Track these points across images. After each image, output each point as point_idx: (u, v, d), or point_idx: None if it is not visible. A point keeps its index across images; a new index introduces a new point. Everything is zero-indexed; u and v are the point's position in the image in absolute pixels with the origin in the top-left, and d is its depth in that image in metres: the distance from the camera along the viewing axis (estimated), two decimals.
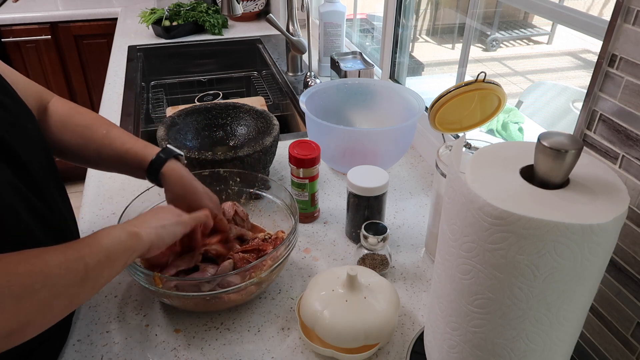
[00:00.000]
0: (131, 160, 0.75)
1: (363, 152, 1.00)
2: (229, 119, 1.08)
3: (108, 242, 0.56)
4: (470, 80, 0.71)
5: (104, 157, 0.76)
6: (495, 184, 0.45)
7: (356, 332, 0.63)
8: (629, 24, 0.51)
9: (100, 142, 0.75)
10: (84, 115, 0.77)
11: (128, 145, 0.75)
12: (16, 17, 2.33)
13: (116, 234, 0.57)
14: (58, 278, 0.49)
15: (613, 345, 0.59)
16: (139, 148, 0.76)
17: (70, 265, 0.50)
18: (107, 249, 0.55)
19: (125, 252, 0.58)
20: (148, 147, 0.76)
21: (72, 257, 0.51)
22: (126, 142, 0.76)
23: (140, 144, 0.76)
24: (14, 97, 0.63)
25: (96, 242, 0.55)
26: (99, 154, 0.76)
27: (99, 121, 0.78)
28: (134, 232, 0.59)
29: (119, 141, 0.76)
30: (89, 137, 0.75)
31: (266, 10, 2.26)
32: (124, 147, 0.75)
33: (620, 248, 0.56)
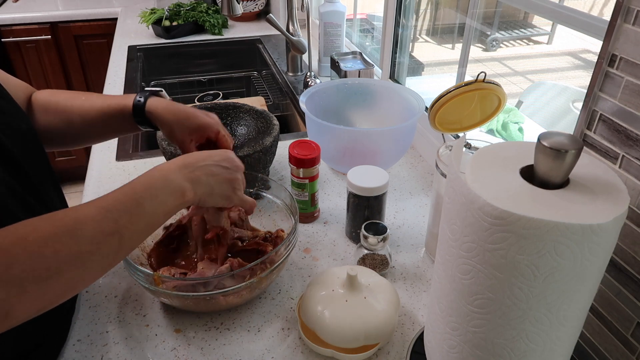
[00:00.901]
0: (115, 113, 0.74)
1: (363, 152, 1.00)
2: (229, 119, 1.08)
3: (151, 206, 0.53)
4: (470, 80, 0.71)
5: (89, 121, 0.75)
6: (495, 184, 0.45)
7: (356, 332, 0.63)
8: (629, 24, 0.51)
9: (81, 107, 0.75)
10: (63, 92, 0.77)
11: (108, 101, 0.75)
12: (16, 17, 2.33)
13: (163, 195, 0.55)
14: (89, 254, 0.47)
15: (613, 345, 0.59)
16: (119, 99, 0.75)
17: (104, 239, 0.49)
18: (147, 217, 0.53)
19: (166, 215, 0.56)
20: (128, 96, 0.75)
21: (108, 230, 0.49)
22: (106, 99, 0.76)
23: (120, 97, 0.76)
24: (7, 98, 0.63)
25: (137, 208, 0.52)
26: (83, 121, 0.75)
27: (77, 92, 0.78)
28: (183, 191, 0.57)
29: (99, 101, 0.75)
30: (70, 107, 0.75)
31: (266, 10, 2.26)
32: (105, 104, 0.75)
33: (620, 248, 0.56)
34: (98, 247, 0.48)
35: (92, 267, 0.48)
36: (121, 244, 0.50)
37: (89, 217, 0.48)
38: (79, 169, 0.83)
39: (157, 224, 0.56)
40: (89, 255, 0.47)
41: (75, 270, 0.46)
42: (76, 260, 0.46)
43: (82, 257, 0.47)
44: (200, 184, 0.59)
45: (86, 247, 0.47)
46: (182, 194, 0.57)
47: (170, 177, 0.57)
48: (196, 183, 0.59)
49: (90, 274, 0.49)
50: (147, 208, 0.53)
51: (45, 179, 0.65)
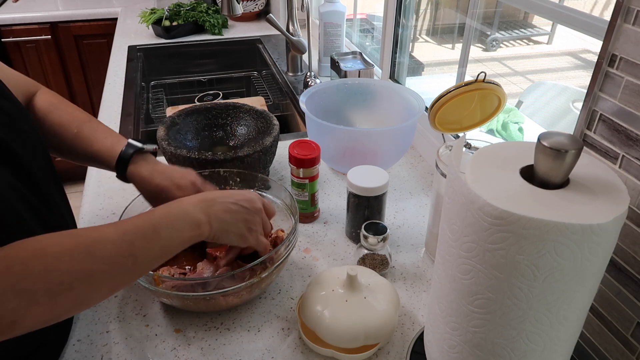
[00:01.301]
0: (101, 162, 0.75)
1: (363, 152, 1.00)
2: (229, 119, 1.08)
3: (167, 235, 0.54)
4: (470, 80, 0.71)
5: (77, 156, 0.76)
6: (495, 184, 0.45)
7: (356, 332, 0.63)
8: (629, 24, 0.51)
9: (70, 142, 0.75)
10: (61, 111, 0.76)
11: (96, 147, 0.74)
12: (16, 17, 2.33)
13: (179, 226, 0.56)
14: (101, 274, 0.48)
15: (613, 345, 0.59)
16: (106, 149, 0.74)
17: (119, 261, 0.50)
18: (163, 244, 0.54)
19: (181, 245, 0.57)
20: (115, 146, 0.74)
21: (123, 253, 0.50)
22: (94, 142, 0.74)
23: (108, 144, 0.74)
24: (10, 98, 0.63)
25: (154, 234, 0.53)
26: (71, 154, 0.76)
27: (72, 119, 0.76)
28: (198, 223, 0.58)
29: (87, 141, 0.75)
30: (62, 137, 0.74)
31: (266, 10, 2.26)
32: (92, 149, 0.74)
33: (620, 248, 0.56)
34: (111, 268, 0.49)
35: (102, 286, 0.50)
36: (135, 266, 0.52)
37: (107, 238, 0.50)
38: (79, 169, 0.83)
39: (171, 251, 0.56)
40: (102, 274, 0.49)
41: (86, 287, 0.47)
42: (89, 278, 0.47)
43: (94, 275, 0.48)
44: (216, 220, 0.60)
45: (100, 267, 0.48)
46: (197, 226, 0.58)
47: (188, 209, 0.58)
48: (213, 218, 0.60)
49: (99, 293, 0.50)
50: (162, 235, 0.55)
51: (48, 180, 0.64)
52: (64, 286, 0.45)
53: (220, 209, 0.62)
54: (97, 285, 0.49)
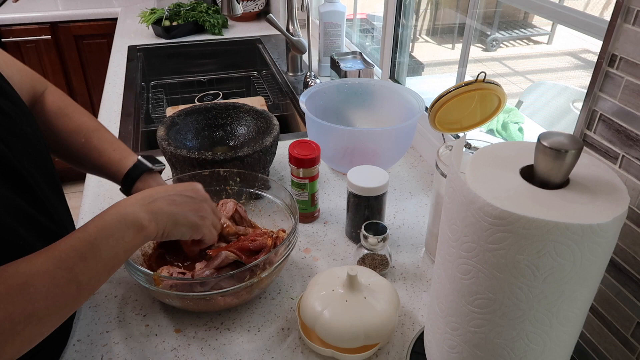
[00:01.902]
0: (107, 174, 0.75)
1: (363, 152, 1.00)
2: (229, 119, 1.08)
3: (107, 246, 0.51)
4: (470, 80, 0.71)
5: (84, 166, 0.76)
6: (495, 184, 0.45)
7: (356, 332, 0.63)
8: (629, 24, 0.51)
9: (77, 152, 0.74)
10: (69, 118, 0.74)
11: (104, 159, 0.74)
12: (16, 17, 2.33)
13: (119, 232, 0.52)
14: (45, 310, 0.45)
15: (613, 345, 0.59)
16: (113, 162, 0.73)
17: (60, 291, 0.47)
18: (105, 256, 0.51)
19: (127, 252, 0.55)
20: (123, 160, 0.74)
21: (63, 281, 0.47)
22: (102, 154, 0.73)
23: (116, 157, 0.73)
24: (13, 98, 0.61)
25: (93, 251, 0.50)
26: (78, 163, 0.76)
27: (81, 126, 0.75)
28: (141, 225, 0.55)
29: (96, 152, 0.74)
30: (69, 145, 0.74)
31: (266, 10, 2.26)
32: (100, 161, 0.74)
33: (620, 248, 0.56)
34: (54, 301, 0.46)
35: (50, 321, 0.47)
36: (79, 290, 0.49)
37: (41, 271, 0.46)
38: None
39: (118, 262, 0.53)
40: (45, 310, 0.45)
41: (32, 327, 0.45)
42: (32, 318, 0.44)
43: (37, 314, 0.45)
44: (161, 214, 0.57)
45: (41, 304, 0.45)
46: (140, 228, 0.54)
47: (126, 212, 0.55)
48: (157, 214, 0.56)
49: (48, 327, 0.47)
50: (103, 249, 0.51)
51: (48, 186, 0.62)
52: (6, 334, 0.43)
53: (163, 203, 0.58)
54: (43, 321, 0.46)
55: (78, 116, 0.76)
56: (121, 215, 0.54)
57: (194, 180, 0.85)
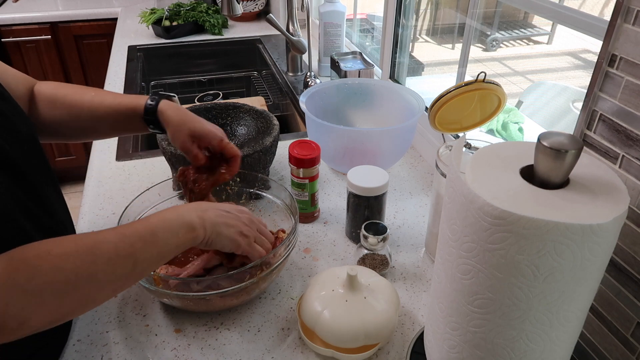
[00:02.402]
0: (126, 111, 0.75)
1: (363, 152, 1.00)
2: (229, 119, 1.08)
3: (164, 237, 0.56)
4: (470, 80, 0.71)
5: (99, 117, 0.76)
6: (495, 184, 0.45)
7: (356, 332, 0.63)
8: (629, 24, 0.51)
9: (90, 103, 0.75)
10: (69, 86, 0.77)
11: (119, 99, 0.76)
12: (16, 17, 2.33)
13: (175, 228, 0.58)
14: (104, 275, 0.50)
15: (613, 345, 0.59)
16: (131, 98, 0.76)
17: (120, 262, 0.51)
18: (161, 246, 0.56)
19: (176, 249, 0.58)
20: (140, 97, 0.76)
21: (124, 253, 0.52)
22: (117, 96, 0.76)
23: (132, 96, 0.77)
24: (8, 99, 0.62)
25: (152, 236, 0.55)
26: (92, 116, 0.76)
27: (85, 87, 0.78)
28: (192, 226, 0.59)
29: (109, 97, 0.76)
30: (79, 102, 0.75)
31: (266, 10, 2.26)
32: (115, 101, 0.75)
33: (620, 248, 0.56)
34: (113, 268, 0.51)
35: (105, 287, 0.51)
36: (135, 268, 0.53)
37: (108, 240, 0.52)
38: (79, 169, 0.83)
39: (169, 254, 0.58)
40: (104, 275, 0.50)
41: (90, 287, 0.49)
42: (93, 277, 0.49)
43: (98, 275, 0.49)
44: (209, 223, 0.62)
45: (102, 267, 0.50)
46: (192, 229, 0.59)
47: (182, 213, 0.60)
48: (206, 221, 0.61)
49: (102, 294, 0.52)
50: (160, 237, 0.56)
51: (45, 183, 0.64)
52: (69, 286, 0.47)
53: (213, 214, 0.63)
54: (100, 285, 0.50)
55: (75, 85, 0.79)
56: (179, 214, 0.60)
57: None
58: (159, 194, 0.83)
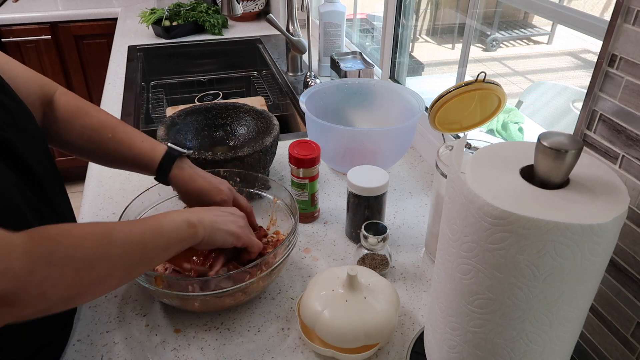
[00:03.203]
0: (140, 165, 0.76)
1: (363, 152, 1.00)
2: (229, 119, 1.08)
3: (169, 229, 0.60)
4: (470, 80, 0.71)
5: (112, 160, 0.77)
6: (495, 184, 0.45)
7: (356, 332, 0.63)
8: (629, 24, 0.51)
9: (106, 146, 0.75)
10: (90, 116, 0.76)
11: (135, 151, 0.76)
12: (16, 17, 2.33)
13: (178, 222, 0.61)
14: (118, 257, 0.53)
15: (613, 345, 0.59)
16: (145, 152, 0.76)
17: (132, 247, 0.55)
18: (167, 236, 0.59)
19: (180, 242, 0.61)
20: (155, 150, 0.76)
21: (135, 239, 0.55)
22: (133, 146, 0.76)
23: (147, 147, 0.76)
24: (13, 96, 0.62)
25: (159, 227, 0.59)
26: (106, 158, 0.77)
27: (104, 122, 0.76)
28: (192, 223, 0.62)
29: (125, 145, 0.76)
30: (96, 141, 0.75)
31: (266, 10, 2.26)
32: (132, 153, 0.76)
33: (620, 248, 0.56)
34: (126, 252, 0.54)
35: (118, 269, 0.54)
36: (144, 255, 0.57)
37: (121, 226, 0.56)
38: (79, 169, 0.83)
39: (174, 246, 0.61)
40: (118, 258, 0.53)
41: (105, 268, 0.52)
42: (107, 259, 0.52)
43: (112, 257, 0.52)
44: (206, 220, 0.65)
45: (117, 250, 0.53)
46: (192, 224, 0.63)
47: (182, 213, 0.64)
48: (202, 219, 0.65)
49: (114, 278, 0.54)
50: (165, 229, 0.60)
51: (50, 180, 0.64)
52: (87, 263, 0.49)
53: (209, 214, 0.67)
54: (114, 267, 0.53)
55: (98, 113, 0.77)
56: (179, 213, 0.64)
57: None
58: (159, 194, 0.83)
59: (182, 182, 0.76)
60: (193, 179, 0.77)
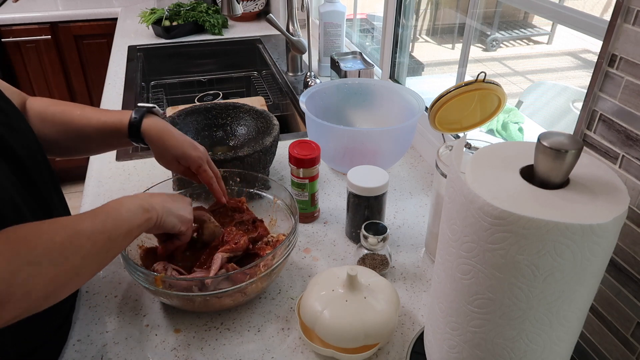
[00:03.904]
0: (111, 130, 0.77)
1: (363, 152, 1.00)
2: (229, 119, 1.08)
3: (127, 216, 0.60)
4: (470, 80, 0.71)
5: (86, 136, 0.77)
6: (495, 184, 0.45)
7: (356, 332, 0.63)
8: (629, 24, 0.51)
9: (78, 122, 0.76)
10: (58, 104, 0.78)
11: (104, 118, 0.77)
12: (16, 17, 2.33)
13: (133, 209, 0.62)
14: (87, 248, 0.54)
15: (613, 345, 0.59)
16: (114, 116, 0.77)
17: (97, 237, 0.56)
18: (127, 223, 0.60)
19: (138, 228, 0.62)
20: (124, 113, 0.77)
21: (99, 229, 0.56)
22: (102, 115, 0.78)
23: (116, 113, 0.78)
24: (5, 99, 0.64)
25: (118, 214, 0.60)
26: (79, 135, 0.77)
27: (72, 105, 0.79)
28: (146, 208, 0.63)
29: (95, 117, 0.77)
30: (67, 121, 0.76)
31: (266, 10, 2.26)
32: (100, 121, 0.77)
33: (620, 248, 0.56)
34: (94, 242, 0.55)
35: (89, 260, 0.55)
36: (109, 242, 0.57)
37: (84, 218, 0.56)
38: (79, 169, 0.83)
39: (133, 232, 0.61)
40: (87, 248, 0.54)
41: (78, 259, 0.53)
42: (79, 249, 0.53)
43: (83, 248, 0.53)
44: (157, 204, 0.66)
45: (85, 242, 0.54)
46: (147, 210, 0.63)
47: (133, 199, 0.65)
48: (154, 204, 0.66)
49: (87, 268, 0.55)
50: (124, 215, 0.60)
51: (45, 180, 0.65)
52: (62, 256, 0.51)
53: (158, 199, 0.67)
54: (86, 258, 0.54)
55: (65, 102, 0.80)
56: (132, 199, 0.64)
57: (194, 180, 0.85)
58: None
59: (155, 133, 0.76)
60: (168, 130, 0.77)
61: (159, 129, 0.76)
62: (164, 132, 0.77)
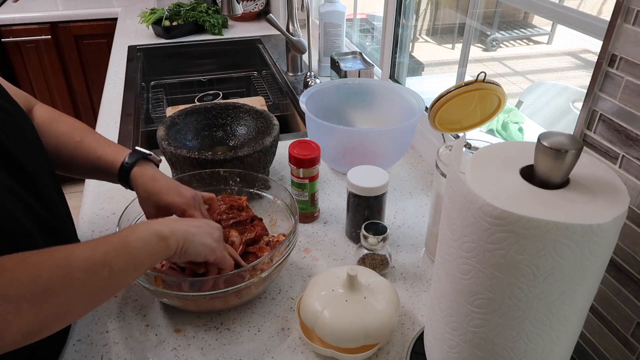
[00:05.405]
0: (104, 168, 0.75)
1: (363, 152, 1.00)
2: (229, 119, 1.08)
3: (136, 245, 0.56)
4: (470, 80, 0.71)
5: (77, 164, 0.76)
6: (495, 184, 0.45)
7: (356, 332, 0.63)
8: (629, 24, 0.51)
9: (73, 149, 0.75)
10: (63, 123, 0.77)
11: (99, 153, 0.75)
12: (16, 17, 2.33)
13: (146, 237, 0.57)
14: (81, 283, 0.49)
15: (613, 345, 0.59)
16: (110, 155, 0.75)
17: (96, 271, 0.51)
18: (134, 254, 0.56)
19: (151, 258, 0.58)
20: (119, 152, 0.75)
21: (99, 262, 0.51)
22: (97, 149, 0.76)
23: (112, 150, 0.76)
24: (10, 99, 0.63)
25: (125, 245, 0.55)
26: (72, 161, 0.76)
27: (75, 128, 0.77)
28: (164, 235, 0.59)
29: (90, 149, 0.75)
30: (64, 144, 0.75)
31: (266, 10, 2.26)
32: (96, 155, 0.75)
33: (620, 248, 0.56)
34: (89, 276, 0.50)
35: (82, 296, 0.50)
36: (111, 277, 0.53)
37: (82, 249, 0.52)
38: None
39: (143, 263, 0.57)
40: (81, 282, 0.50)
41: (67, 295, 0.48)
42: (69, 285, 0.48)
43: (74, 283, 0.49)
44: (180, 231, 0.62)
45: (78, 275, 0.49)
46: (164, 239, 0.59)
47: (152, 225, 0.60)
48: (176, 230, 0.61)
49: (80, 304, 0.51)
50: (132, 246, 0.56)
51: (47, 181, 0.65)
52: (47, 293, 0.46)
53: (183, 224, 0.63)
54: (78, 294, 0.50)
55: (71, 121, 0.78)
56: (150, 225, 0.60)
57: (194, 179, 0.85)
58: None
59: (141, 181, 0.73)
60: (154, 178, 0.74)
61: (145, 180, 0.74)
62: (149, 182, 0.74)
